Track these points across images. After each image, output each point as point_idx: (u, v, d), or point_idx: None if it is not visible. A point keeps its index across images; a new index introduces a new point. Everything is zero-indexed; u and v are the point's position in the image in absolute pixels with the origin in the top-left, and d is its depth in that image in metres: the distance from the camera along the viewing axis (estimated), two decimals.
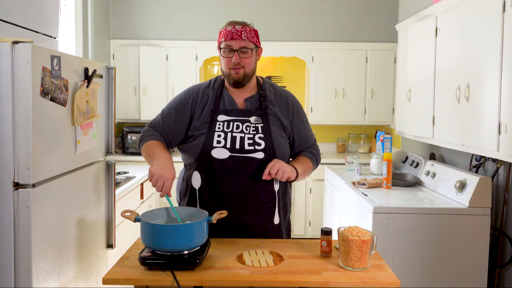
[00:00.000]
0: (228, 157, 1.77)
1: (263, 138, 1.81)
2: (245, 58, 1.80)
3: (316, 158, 1.99)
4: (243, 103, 1.87)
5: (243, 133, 1.80)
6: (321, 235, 1.63)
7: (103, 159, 2.20)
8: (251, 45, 1.81)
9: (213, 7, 4.81)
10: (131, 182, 3.13)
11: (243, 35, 1.78)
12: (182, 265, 1.47)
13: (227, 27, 1.81)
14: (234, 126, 1.81)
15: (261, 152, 1.79)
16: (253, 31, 1.82)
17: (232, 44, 1.78)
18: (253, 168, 1.78)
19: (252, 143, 1.79)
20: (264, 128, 1.82)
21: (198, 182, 1.82)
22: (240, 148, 1.78)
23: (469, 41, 2.53)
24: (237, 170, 1.78)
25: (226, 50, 1.80)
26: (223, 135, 1.79)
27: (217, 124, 1.81)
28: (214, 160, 1.78)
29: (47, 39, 2.26)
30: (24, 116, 1.50)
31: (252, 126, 1.81)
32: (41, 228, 1.60)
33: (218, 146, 1.78)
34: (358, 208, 2.87)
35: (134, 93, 4.69)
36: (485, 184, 2.55)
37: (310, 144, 2.00)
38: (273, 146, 1.81)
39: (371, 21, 4.82)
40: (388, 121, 4.78)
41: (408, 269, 2.57)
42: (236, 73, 1.80)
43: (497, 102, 2.23)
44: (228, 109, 1.84)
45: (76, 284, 1.90)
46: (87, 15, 4.11)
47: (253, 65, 1.85)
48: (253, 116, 1.83)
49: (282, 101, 1.92)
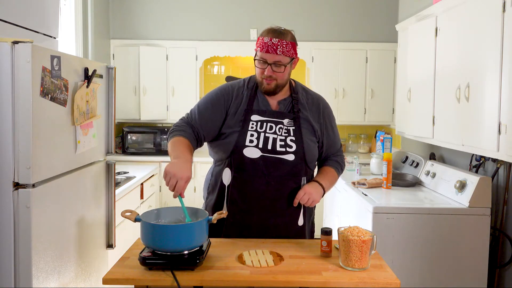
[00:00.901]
0: (259, 156, 1.78)
1: (294, 141, 1.82)
2: (278, 72, 1.78)
3: (341, 167, 2.01)
4: (277, 105, 1.88)
5: (275, 134, 1.81)
6: (321, 235, 1.63)
7: (103, 159, 2.20)
8: (286, 59, 1.78)
9: (213, 7, 4.81)
10: (131, 182, 3.13)
11: (278, 49, 1.75)
12: (182, 265, 1.47)
13: (264, 37, 1.77)
14: (268, 126, 1.81)
15: (291, 154, 1.80)
16: (291, 44, 1.78)
17: (267, 57, 1.77)
18: (282, 169, 1.80)
19: (283, 145, 1.80)
20: (296, 131, 1.83)
21: (229, 179, 1.82)
22: (272, 149, 1.79)
23: (469, 41, 2.53)
24: (267, 170, 1.79)
25: (260, 61, 1.79)
26: (256, 134, 1.80)
27: (251, 123, 1.81)
28: (245, 159, 1.78)
29: (47, 39, 2.26)
30: (24, 116, 1.50)
31: (284, 128, 1.82)
32: (41, 228, 1.60)
33: (251, 145, 1.79)
34: (358, 208, 2.87)
35: (134, 93, 4.69)
36: (485, 184, 2.55)
37: (337, 148, 2.02)
38: (303, 149, 1.82)
39: (371, 21, 4.82)
40: (388, 121, 4.78)
41: (408, 269, 2.57)
42: (268, 84, 1.81)
43: (497, 102, 2.23)
44: (262, 110, 1.84)
45: (76, 284, 1.90)
46: (87, 15, 4.11)
47: (287, 77, 1.84)
48: (286, 118, 1.84)
49: (314, 105, 1.93)
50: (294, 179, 1.83)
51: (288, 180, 1.81)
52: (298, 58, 1.87)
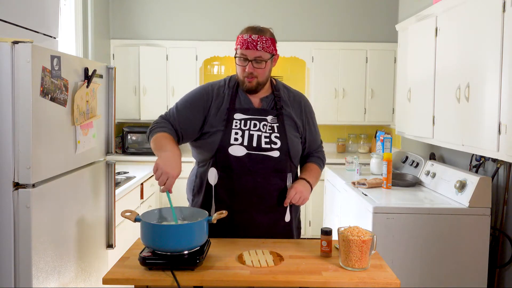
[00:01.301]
0: (245, 154, 1.79)
1: (279, 138, 1.83)
2: (259, 68, 1.80)
3: (323, 162, 2.04)
4: (259, 102, 1.89)
5: (260, 131, 1.82)
6: (321, 235, 1.63)
7: (103, 159, 2.20)
8: (266, 55, 1.80)
9: (213, 7, 4.81)
10: (131, 182, 3.13)
11: (258, 45, 1.77)
12: (182, 265, 1.47)
13: (244, 34, 1.80)
14: (252, 124, 1.82)
15: (276, 150, 1.81)
16: (270, 40, 1.81)
17: (247, 53, 1.78)
18: (268, 166, 1.80)
19: (268, 142, 1.81)
20: (280, 127, 1.84)
21: (215, 179, 1.82)
22: (257, 146, 1.80)
23: (469, 41, 2.53)
24: (253, 167, 1.79)
25: (241, 59, 1.81)
26: (240, 132, 1.80)
27: (234, 122, 1.82)
28: (231, 157, 1.78)
29: (47, 39, 2.26)
30: (24, 116, 1.50)
31: (268, 125, 1.83)
32: (41, 228, 1.60)
33: (236, 143, 1.79)
34: (358, 208, 2.87)
35: (134, 93, 4.69)
36: (485, 184, 2.55)
37: (318, 144, 2.05)
38: (288, 145, 1.83)
39: (371, 21, 4.82)
40: (388, 121, 4.78)
41: (408, 269, 2.57)
42: (250, 81, 1.82)
43: (497, 102, 2.23)
44: (245, 108, 1.85)
45: (76, 284, 1.90)
46: (87, 15, 4.11)
47: (268, 74, 1.86)
48: (270, 115, 1.85)
49: (296, 102, 1.95)
50: (280, 175, 1.83)
51: (274, 177, 1.82)
52: (278, 55, 1.89)
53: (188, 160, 4.40)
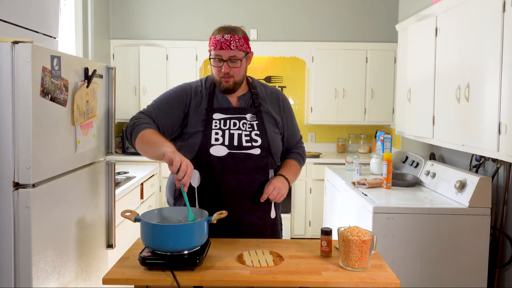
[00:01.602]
0: (227, 154, 1.78)
1: (259, 135, 1.83)
2: (234, 67, 1.80)
3: (302, 158, 2.03)
4: (237, 101, 1.89)
5: (240, 130, 1.81)
6: (321, 235, 1.63)
7: (103, 159, 2.20)
8: (240, 54, 1.80)
9: (213, 7, 4.81)
10: (131, 182, 3.13)
11: (232, 44, 1.77)
12: (182, 265, 1.47)
13: (216, 35, 1.80)
14: (231, 123, 1.82)
15: (257, 148, 1.81)
16: (243, 38, 1.80)
17: (222, 54, 1.78)
18: (250, 164, 1.80)
19: (249, 140, 1.81)
20: (259, 125, 1.84)
21: (198, 181, 1.81)
22: (238, 145, 1.79)
23: (469, 41, 2.53)
24: (235, 166, 1.79)
25: (215, 60, 1.81)
26: (221, 132, 1.80)
27: (214, 122, 1.82)
28: (213, 158, 1.78)
29: (47, 39, 2.26)
30: (24, 116, 1.50)
31: (248, 123, 1.83)
32: (41, 228, 1.60)
33: (217, 143, 1.79)
34: (358, 208, 2.87)
35: (134, 93, 4.69)
36: (485, 184, 2.55)
37: (298, 139, 2.05)
38: (268, 142, 1.83)
39: (371, 21, 4.82)
40: (388, 121, 4.78)
41: (408, 269, 2.57)
42: (226, 81, 1.82)
43: (497, 102, 2.23)
44: (224, 107, 1.85)
45: (76, 284, 1.90)
46: (87, 15, 4.11)
47: (243, 73, 1.85)
48: (249, 113, 1.85)
49: (273, 98, 1.95)
50: (262, 172, 1.83)
51: (256, 174, 1.82)
52: (252, 53, 1.88)
53: None
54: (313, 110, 4.78)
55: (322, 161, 4.51)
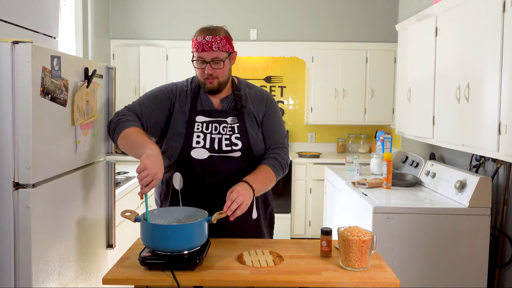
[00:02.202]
0: (208, 157, 1.78)
1: (239, 138, 1.82)
2: (217, 69, 1.78)
3: (279, 164, 1.86)
4: (219, 103, 1.88)
5: (220, 134, 1.81)
6: (321, 235, 1.63)
7: (103, 159, 2.20)
8: (223, 54, 1.78)
9: (213, 7, 4.81)
10: (131, 182, 3.13)
11: (213, 46, 1.75)
12: (182, 265, 1.47)
13: (197, 36, 1.77)
14: (213, 127, 1.82)
15: (238, 151, 1.81)
16: (225, 38, 1.78)
17: (204, 56, 1.77)
18: (231, 167, 1.79)
19: (229, 144, 1.80)
20: (240, 127, 1.83)
21: (180, 183, 1.79)
22: (218, 148, 1.79)
23: (469, 41, 2.53)
24: (216, 169, 1.79)
25: (198, 61, 1.79)
26: (202, 135, 1.80)
27: (196, 125, 1.81)
28: (194, 161, 1.78)
29: (47, 39, 2.26)
30: (24, 116, 1.50)
31: (228, 127, 1.82)
32: (41, 228, 1.60)
33: (198, 146, 1.79)
34: (358, 208, 2.87)
35: (134, 93, 4.69)
36: (485, 184, 2.55)
37: (276, 141, 1.90)
38: (249, 144, 1.82)
39: (371, 21, 4.82)
40: (388, 121, 4.78)
41: (408, 269, 2.57)
42: (210, 83, 1.81)
43: (497, 102, 2.23)
44: (206, 110, 1.84)
45: (76, 284, 1.90)
46: (87, 15, 4.11)
47: (227, 73, 1.84)
48: (230, 116, 1.84)
49: (257, 97, 1.92)
50: (244, 173, 1.79)
51: (237, 176, 1.79)
52: (236, 52, 1.86)
53: None
54: (313, 110, 4.78)
55: (322, 161, 4.51)
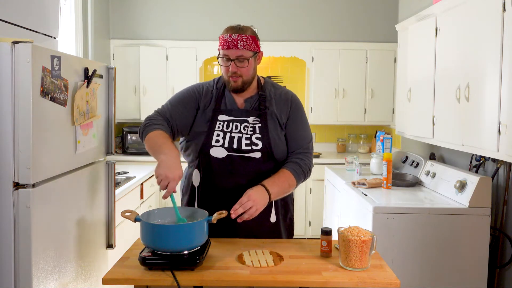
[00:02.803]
0: (226, 156, 1.79)
1: (260, 139, 1.81)
2: (242, 67, 1.79)
3: (302, 170, 1.84)
4: (243, 103, 1.88)
5: (241, 133, 1.81)
6: (321, 235, 1.63)
7: (103, 159, 2.20)
8: (248, 53, 1.79)
9: (213, 7, 4.81)
10: (131, 182, 3.13)
11: (239, 44, 1.76)
12: (182, 265, 1.47)
13: (224, 34, 1.79)
14: (233, 126, 1.82)
15: (258, 152, 1.80)
16: (251, 37, 1.79)
17: (229, 53, 1.77)
18: (249, 168, 1.79)
19: (249, 143, 1.80)
20: (262, 128, 1.83)
21: (198, 180, 1.84)
22: (238, 148, 1.79)
23: (469, 41, 2.53)
24: (234, 169, 1.79)
25: (223, 59, 1.80)
26: (222, 134, 1.81)
27: (217, 123, 1.82)
28: (212, 159, 1.79)
29: (47, 39, 2.26)
30: (24, 116, 1.50)
31: (250, 127, 1.82)
32: (41, 228, 1.60)
33: (217, 145, 1.79)
34: (358, 208, 2.87)
35: (134, 93, 4.69)
36: (485, 184, 2.55)
37: (300, 145, 1.89)
38: (270, 146, 1.82)
39: (371, 21, 4.82)
40: (388, 121, 4.78)
41: (408, 269, 2.57)
42: (235, 81, 1.81)
43: (497, 102, 2.23)
44: (229, 109, 1.85)
45: (76, 284, 1.90)
46: (87, 15, 4.11)
47: (252, 72, 1.84)
48: (252, 116, 1.84)
49: (282, 100, 1.91)
50: (264, 177, 1.79)
51: (256, 178, 1.79)
52: (262, 52, 1.87)
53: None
54: (313, 110, 4.78)
55: (322, 161, 4.51)
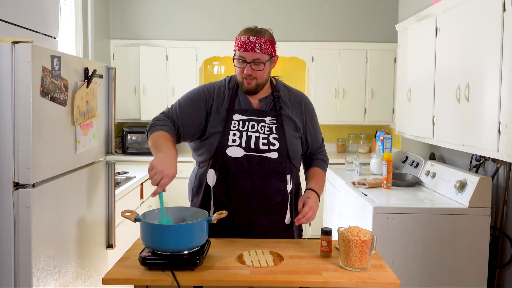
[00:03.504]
0: (243, 156, 1.78)
1: (277, 139, 1.82)
2: (257, 70, 1.78)
3: (326, 164, 2.07)
4: (258, 103, 1.88)
5: (258, 132, 1.81)
6: (321, 235, 1.63)
7: (103, 159, 2.20)
8: (265, 57, 1.78)
9: (213, 7, 4.81)
10: (131, 182, 3.13)
11: (256, 47, 1.75)
12: (182, 265, 1.47)
13: (242, 36, 1.78)
14: (250, 125, 1.82)
15: (275, 152, 1.80)
16: (268, 41, 1.78)
17: (245, 56, 1.77)
18: (266, 167, 1.79)
19: (266, 143, 1.80)
20: (278, 128, 1.83)
21: (213, 180, 1.82)
22: (255, 147, 1.79)
23: (469, 41, 2.53)
24: (251, 169, 1.79)
25: (239, 60, 1.79)
26: (238, 134, 1.80)
27: (233, 123, 1.82)
28: (229, 159, 1.78)
29: (47, 39, 2.26)
30: (24, 116, 1.50)
31: (267, 126, 1.83)
32: (41, 228, 1.60)
33: (233, 144, 1.79)
34: (358, 208, 2.87)
35: (134, 93, 4.69)
36: (485, 184, 2.55)
37: (320, 143, 2.05)
38: (286, 146, 1.82)
39: (371, 21, 4.82)
40: (388, 121, 4.78)
41: (408, 269, 2.57)
42: (248, 83, 1.81)
43: (497, 102, 2.23)
44: (244, 109, 1.85)
45: (76, 284, 1.90)
46: (87, 15, 4.11)
47: (267, 75, 1.84)
48: (268, 116, 1.84)
49: (296, 101, 1.93)
50: (279, 176, 1.82)
51: (272, 178, 1.81)
52: (277, 56, 1.87)
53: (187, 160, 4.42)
54: None
55: None
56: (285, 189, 1.84)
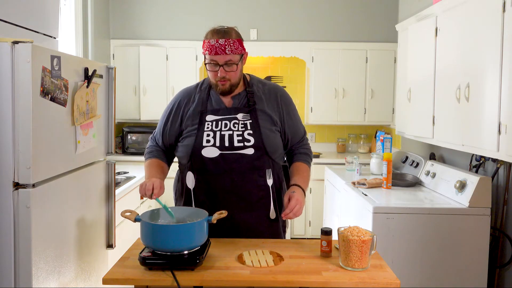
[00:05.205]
0: (219, 155, 1.79)
1: (252, 134, 1.81)
2: (230, 71, 1.79)
3: (310, 157, 1.99)
4: (230, 101, 1.88)
5: (231, 130, 1.81)
6: (321, 235, 1.63)
7: (103, 159, 2.20)
8: (236, 57, 1.78)
9: (213, 7, 4.81)
10: (131, 182, 3.13)
11: (227, 49, 1.75)
12: (182, 265, 1.47)
13: (210, 39, 1.77)
14: (223, 124, 1.82)
15: (251, 148, 1.80)
16: (237, 41, 1.78)
17: (217, 59, 1.77)
18: (244, 164, 1.79)
19: (241, 140, 1.80)
20: (253, 124, 1.83)
21: (192, 182, 1.84)
22: (230, 145, 1.79)
23: (469, 41, 2.53)
24: (228, 167, 1.79)
25: (211, 64, 1.79)
26: (212, 134, 1.80)
27: (206, 124, 1.83)
28: (205, 160, 1.79)
29: (47, 39, 2.26)
30: (24, 116, 1.50)
31: (240, 123, 1.82)
32: (41, 228, 1.60)
33: (208, 145, 1.79)
34: (358, 208, 2.87)
35: (134, 93, 4.69)
36: (485, 184, 2.55)
37: (301, 136, 1.98)
38: (262, 141, 1.81)
39: (371, 21, 4.82)
40: (388, 121, 4.78)
41: (408, 269, 2.57)
42: (223, 84, 1.81)
43: (497, 102, 2.23)
44: (216, 109, 1.85)
45: (76, 284, 1.90)
46: (87, 15, 4.11)
47: (240, 74, 1.85)
48: (241, 113, 1.84)
49: (271, 95, 1.92)
50: (258, 172, 1.81)
51: (251, 174, 1.80)
52: (247, 53, 1.86)
53: None
54: (313, 110, 4.78)
55: (322, 161, 4.51)
56: (266, 184, 1.83)
